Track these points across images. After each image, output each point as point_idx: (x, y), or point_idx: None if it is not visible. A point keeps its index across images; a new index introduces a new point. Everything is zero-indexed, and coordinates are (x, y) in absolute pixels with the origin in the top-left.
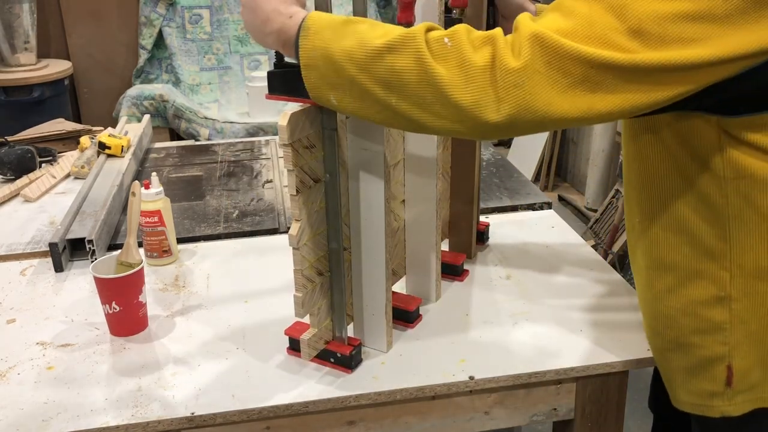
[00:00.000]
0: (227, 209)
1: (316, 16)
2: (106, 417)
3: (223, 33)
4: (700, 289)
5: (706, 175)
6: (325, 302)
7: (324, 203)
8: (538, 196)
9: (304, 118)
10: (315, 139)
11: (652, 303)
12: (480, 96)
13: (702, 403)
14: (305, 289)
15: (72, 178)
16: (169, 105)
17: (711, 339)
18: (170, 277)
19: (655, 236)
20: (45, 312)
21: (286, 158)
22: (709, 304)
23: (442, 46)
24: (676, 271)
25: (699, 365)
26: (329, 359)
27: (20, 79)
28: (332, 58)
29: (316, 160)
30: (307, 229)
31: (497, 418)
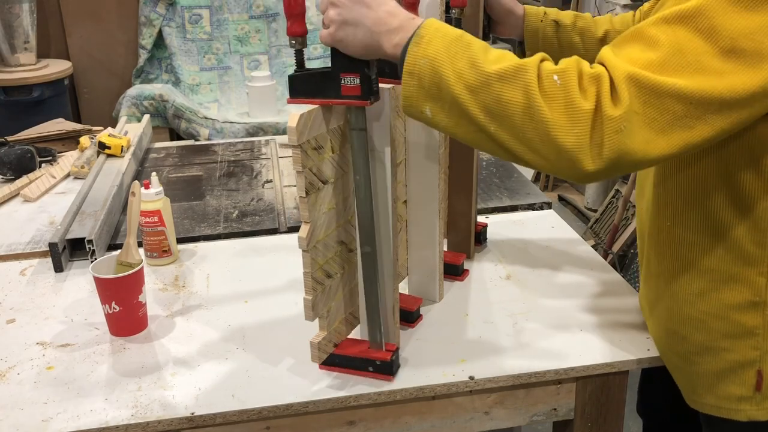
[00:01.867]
0: (227, 209)
1: (431, 25)
2: (106, 417)
3: (223, 33)
4: (734, 294)
5: (755, 180)
6: (334, 305)
7: (333, 205)
8: (538, 196)
9: (312, 119)
10: (322, 141)
11: (678, 307)
12: (581, 142)
13: (729, 406)
14: (315, 291)
15: (72, 178)
16: (169, 105)
17: (742, 344)
18: (170, 277)
19: (688, 239)
20: (45, 312)
21: (295, 160)
22: (742, 308)
23: (551, 83)
24: (709, 274)
25: (728, 369)
26: (367, 368)
27: (20, 79)
28: (440, 73)
29: (323, 161)
30: (316, 232)
31: (497, 418)
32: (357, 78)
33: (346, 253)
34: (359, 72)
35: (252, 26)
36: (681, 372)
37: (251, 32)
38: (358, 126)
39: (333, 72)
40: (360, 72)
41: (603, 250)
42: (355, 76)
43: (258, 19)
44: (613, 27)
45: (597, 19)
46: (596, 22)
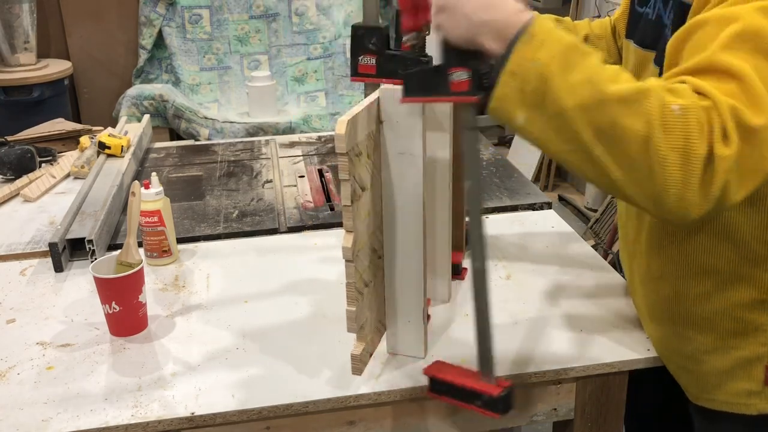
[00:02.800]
0: (227, 209)
1: (544, 25)
2: (106, 417)
3: (223, 33)
4: (741, 293)
5: None
6: (371, 315)
7: (370, 213)
8: (538, 196)
9: (356, 125)
10: (362, 147)
11: (685, 308)
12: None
13: (739, 401)
14: (357, 302)
15: (72, 178)
16: (169, 105)
17: (751, 340)
18: (170, 277)
19: (697, 243)
20: (45, 312)
21: (342, 168)
22: (750, 306)
23: (672, 115)
24: (716, 275)
25: (737, 366)
26: (475, 402)
27: (20, 79)
28: (549, 82)
29: (364, 168)
30: (358, 240)
31: None
32: (465, 72)
33: (377, 260)
34: (466, 65)
35: (252, 26)
36: (687, 372)
37: (251, 32)
38: (470, 125)
39: (442, 67)
40: (466, 65)
41: (603, 250)
42: (463, 71)
43: (258, 19)
44: (592, 31)
45: (577, 24)
46: (576, 26)
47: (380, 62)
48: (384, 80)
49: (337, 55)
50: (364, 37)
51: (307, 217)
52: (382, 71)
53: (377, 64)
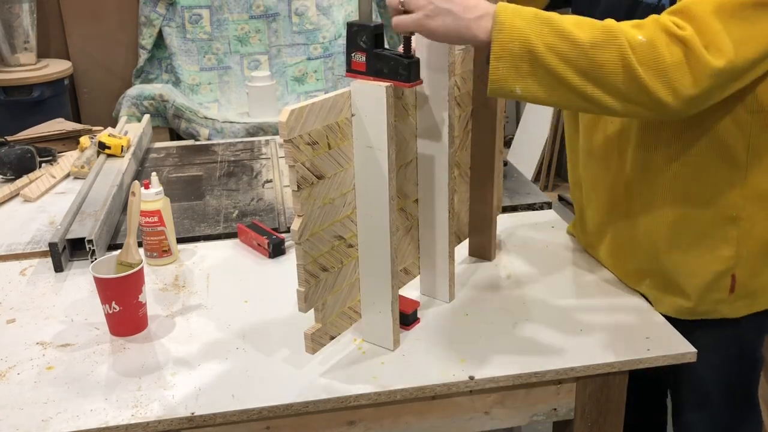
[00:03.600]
0: (227, 209)
1: (505, 9)
2: (106, 417)
3: (223, 33)
4: (716, 215)
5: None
6: (330, 298)
7: (329, 200)
8: (538, 196)
9: (305, 115)
10: (317, 136)
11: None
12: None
13: (708, 308)
14: (308, 284)
15: (72, 178)
16: (169, 105)
17: (721, 253)
18: (170, 277)
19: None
20: (45, 312)
21: (287, 154)
22: (722, 223)
23: (639, 43)
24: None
25: (711, 278)
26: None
27: (20, 79)
28: (532, 50)
29: (318, 156)
30: (309, 225)
31: (497, 418)
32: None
33: (345, 248)
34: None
35: (252, 26)
36: (666, 289)
37: (251, 32)
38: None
39: (405, 57)
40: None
41: None
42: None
43: (258, 19)
44: None
45: None
46: None
47: (369, 60)
48: (372, 78)
49: (337, 55)
50: (357, 34)
51: None
52: (370, 69)
53: (366, 61)
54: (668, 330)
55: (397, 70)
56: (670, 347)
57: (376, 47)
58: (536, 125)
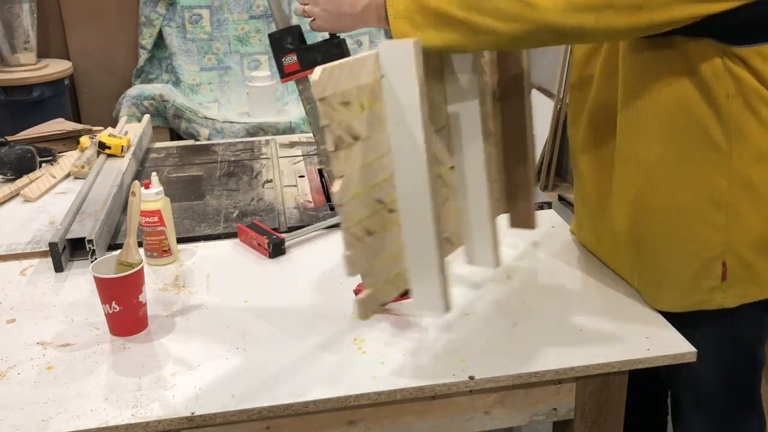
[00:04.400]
0: (227, 209)
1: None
2: (106, 417)
3: (223, 33)
4: (702, 200)
5: (712, 97)
6: (378, 263)
7: (367, 162)
8: (538, 196)
9: (338, 73)
10: (350, 97)
11: (656, 223)
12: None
13: (701, 299)
14: (353, 247)
15: (72, 178)
16: (169, 105)
17: (712, 241)
18: (170, 277)
19: (655, 153)
20: (45, 312)
21: (322, 114)
22: (710, 209)
23: None
24: (678, 183)
25: (701, 266)
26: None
27: (20, 79)
28: (429, 7)
29: (353, 117)
30: (350, 186)
31: (497, 418)
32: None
33: (386, 213)
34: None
35: (252, 26)
36: (660, 291)
37: (251, 32)
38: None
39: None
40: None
41: None
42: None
43: (258, 19)
44: None
45: None
46: None
47: (300, 57)
48: (310, 72)
49: None
50: (282, 39)
51: (307, 217)
52: (305, 63)
53: (299, 59)
54: (668, 330)
55: (331, 52)
56: (670, 347)
57: (302, 44)
58: (536, 125)
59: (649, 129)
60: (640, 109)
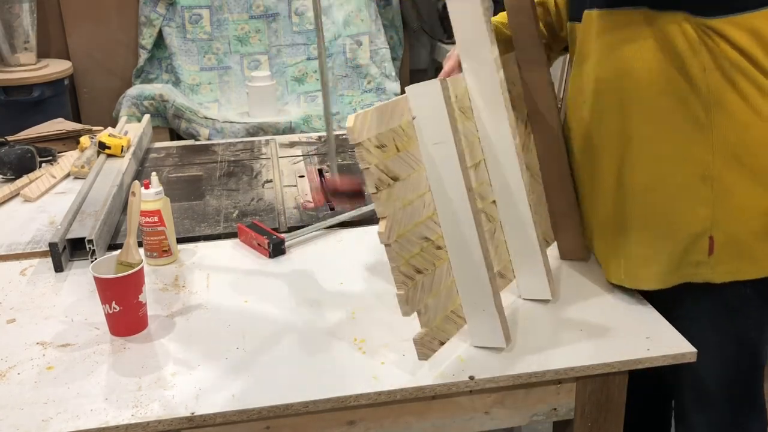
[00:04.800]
0: (227, 209)
1: None
2: (106, 417)
3: (223, 33)
4: (687, 175)
5: (688, 71)
6: (431, 300)
7: (408, 201)
8: None
9: (370, 119)
10: (385, 140)
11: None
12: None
13: (689, 272)
14: (406, 286)
15: (72, 178)
16: (169, 105)
17: (698, 214)
18: (170, 277)
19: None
20: (45, 312)
21: (359, 158)
22: (695, 184)
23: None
24: (664, 159)
25: (688, 240)
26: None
27: (20, 79)
28: None
29: (390, 159)
30: (395, 226)
31: (497, 418)
32: None
33: (434, 249)
34: None
35: (252, 26)
36: (647, 267)
37: (251, 32)
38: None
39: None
40: None
41: None
42: None
43: (258, 19)
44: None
45: None
46: None
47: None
48: None
49: (337, 55)
50: None
51: (307, 217)
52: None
53: None
54: (668, 330)
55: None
56: (670, 347)
57: None
58: None
59: (630, 108)
60: (619, 89)
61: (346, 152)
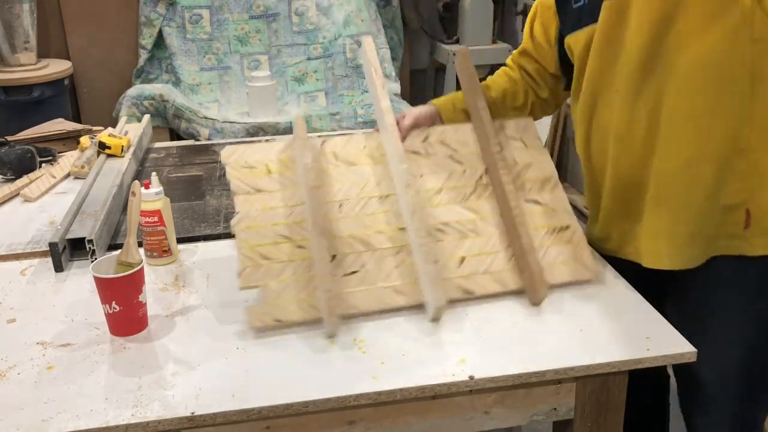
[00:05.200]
0: (227, 209)
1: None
2: (106, 417)
3: (223, 33)
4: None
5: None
6: (274, 283)
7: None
8: None
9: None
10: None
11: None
12: None
13: (724, 244)
14: (245, 265)
15: (72, 178)
16: (169, 105)
17: (735, 187)
18: (170, 277)
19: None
20: (45, 312)
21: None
22: (734, 157)
23: None
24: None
25: (724, 213)
26: None
27: (20, 79)
28: None
29: (257, 176)
30: (245, 221)
31: (497, 418)
32: None
33: (294, 247)
34: None
35: (252, 26)
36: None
37: (251, 32)
38: None
39: None
40: None
41: None
42: None
43: (258, 19)
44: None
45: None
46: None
47: None
48: None
49: (337, 55)
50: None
51: None
52: None
53: None
54: (668, 330)
55: None
56: (670, 347)
57: None
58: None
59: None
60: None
61: None
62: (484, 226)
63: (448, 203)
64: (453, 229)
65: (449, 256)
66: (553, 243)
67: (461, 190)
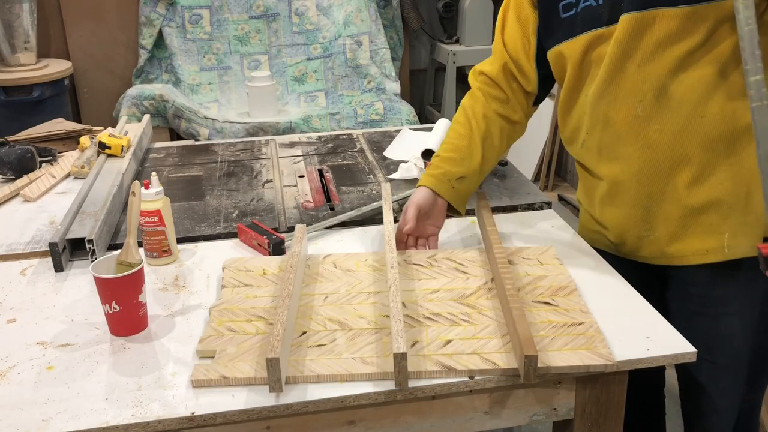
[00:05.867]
0: (227, 209)
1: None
2: (106, 417)
3: (223, 33)
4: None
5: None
6: (232, 349)
7: (253, 296)
8: (538, 196)
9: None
10: (251, 266)
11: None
12: None
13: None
14: (209, 335)
15: (72, 178)
16: (169, 105)
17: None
18: (170, 277)
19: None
20: (45, 312)
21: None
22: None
23: None
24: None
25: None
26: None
27: (20, 79)
28: None
29: (247, 277)
30: (225, 303)
31: (497, 418)
32: None
33: (264, 325)
34: None
35: (252, 26)
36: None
37: (251, 32)
38: None
39: None
40: None
41: None
42: None
43: (258, 19)
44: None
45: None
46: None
47: None
48: None
49: (337, 55)
50: None
51: (307, 217)
52: None
53: None
54: (668, 330)
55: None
56: (670, 347)
57: None
58: (536, 126)
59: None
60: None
61: (346, 152)
62: (480, 317)
63: (443, 300)
64: (444, 318)
65: (433, 338)
66: (560, 334)
67: (461, 291)
